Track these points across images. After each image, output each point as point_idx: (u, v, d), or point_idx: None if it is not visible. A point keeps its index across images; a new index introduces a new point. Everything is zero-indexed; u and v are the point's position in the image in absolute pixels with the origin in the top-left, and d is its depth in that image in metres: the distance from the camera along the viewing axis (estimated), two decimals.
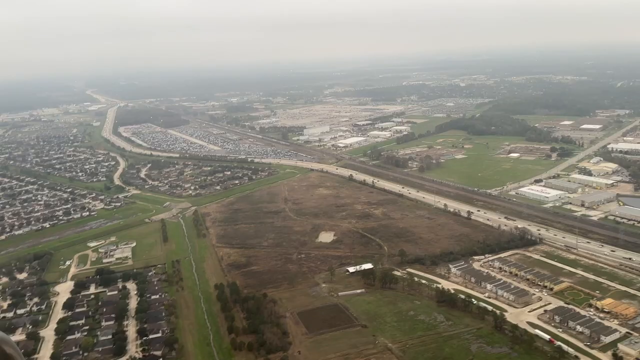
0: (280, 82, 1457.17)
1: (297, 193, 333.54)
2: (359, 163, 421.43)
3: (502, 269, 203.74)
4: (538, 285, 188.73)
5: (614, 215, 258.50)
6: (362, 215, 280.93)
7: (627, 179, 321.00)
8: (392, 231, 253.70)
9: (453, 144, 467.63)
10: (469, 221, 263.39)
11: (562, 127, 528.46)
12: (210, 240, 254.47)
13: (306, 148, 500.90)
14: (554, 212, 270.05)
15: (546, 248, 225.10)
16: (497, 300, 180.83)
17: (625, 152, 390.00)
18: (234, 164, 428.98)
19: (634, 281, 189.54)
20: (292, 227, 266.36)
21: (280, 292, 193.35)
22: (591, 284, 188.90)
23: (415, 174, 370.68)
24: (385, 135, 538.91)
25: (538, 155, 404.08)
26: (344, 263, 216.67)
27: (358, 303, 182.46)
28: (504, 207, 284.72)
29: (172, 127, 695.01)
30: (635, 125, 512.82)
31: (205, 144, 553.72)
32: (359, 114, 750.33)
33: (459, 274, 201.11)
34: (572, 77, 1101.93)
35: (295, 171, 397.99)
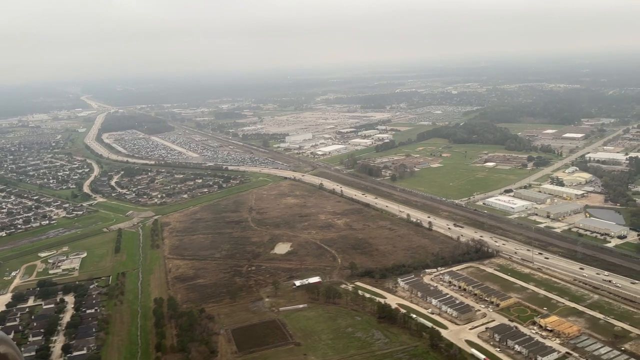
0: (274, 88, 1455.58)
1: (264, 202, 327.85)
2: (333, 171, 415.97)
3: (451, 283, 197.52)
4: (485, 301, 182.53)
5: (578, 227, 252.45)
6: (324, 226, 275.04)
7: (599, 190, 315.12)
8: (351, 242, 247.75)
9: (431, 153, 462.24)
10: (429, 232, 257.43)
11: (545, 135, 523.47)
12: (163, 251, 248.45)
13: (285, 155, 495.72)
14: (517, 224, 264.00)
15: (502, 261, 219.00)
16: (440, 317, 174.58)
17: (602, 162, 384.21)
18: (208, 171, 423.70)
19: (585, 297, 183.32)
20: (250, 237, 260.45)
21: (221, 307, 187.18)
22: (540, 300, 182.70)
23: (387, 183, 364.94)
24: (366, 143, 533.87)
25: (514, 164, 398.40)
26: (293, 276, 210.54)
27: (297, 319, 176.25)
28: (467, 217, 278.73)
29: (156, 134, 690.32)
30: (618, 134, 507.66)
31: (184, 151, 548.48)
32: (345, 121, 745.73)
33: (407, 288, 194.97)
34: (565, 85, 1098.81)
35: (268, 179, 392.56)
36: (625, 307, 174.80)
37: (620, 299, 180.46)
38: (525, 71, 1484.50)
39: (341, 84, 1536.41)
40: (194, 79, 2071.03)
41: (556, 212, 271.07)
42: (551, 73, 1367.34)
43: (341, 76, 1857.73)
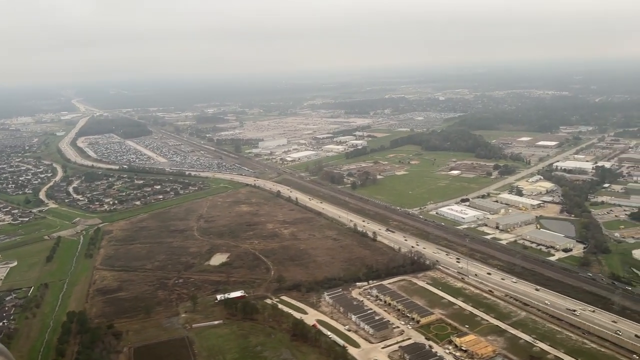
0: (265, 92, 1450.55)
1: (216, 210, 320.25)
2: (297, 178, 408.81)
3: (378, 297, 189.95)
4: (407, 317, 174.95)
5: (525, 239, 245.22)
6: (268, 235, 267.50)
7: (558, 200, 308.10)
8: (290, 253, 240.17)
9: (400, 160, 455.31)
10: (373, 243, 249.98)
11: (519, 143, 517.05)
12: (95, 261, 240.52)
13: (254, 161, 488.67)
14: (464, 235, 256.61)
15: (437, 274, 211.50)
16: (357, 334, 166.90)
17: (569, 171, 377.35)
18: (169, 177, 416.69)
19: (512, 314, 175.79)
20: (188, 247, 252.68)
21: (133, 322, 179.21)
22: (465, 317, 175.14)
23: (347, 191, 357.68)
24: (338, 149, 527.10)
25: (479, 172, 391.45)
26: (218, 290, 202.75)
27: (208, 336, 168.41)
28: (416, 227, 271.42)
29: (132, 138, 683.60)
30: (593, 142, 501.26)
31: (154, 156, 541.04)
32: (325, 126, 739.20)
33: (331, 302, 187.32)
34: (553, 92, 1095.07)
35: (228, 186, 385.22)
36: (551, 325, 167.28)
37: (548, 316, 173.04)
38: (518, 78, 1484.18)
39: (333, 89, 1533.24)
40: (187, 83, 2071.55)
41: (505, 223, 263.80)
42: (543, 80, 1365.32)
43: (336, 81, 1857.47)
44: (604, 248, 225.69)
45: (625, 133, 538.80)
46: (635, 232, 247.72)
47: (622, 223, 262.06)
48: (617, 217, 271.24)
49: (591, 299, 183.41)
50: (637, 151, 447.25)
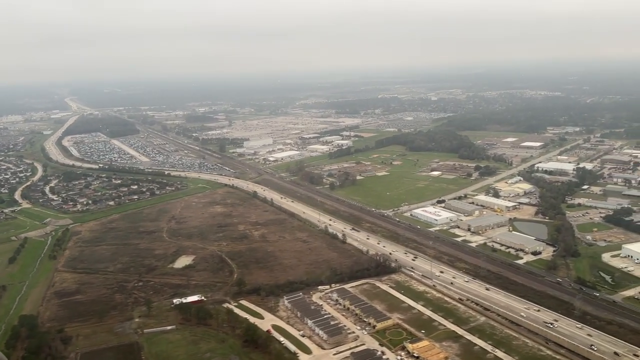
0: (259, 92, 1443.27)
1: (189, 211, 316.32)
2: (277, 179, 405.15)
3: (338, 301, 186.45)
4: (364, 322, 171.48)
5: (495, 241, 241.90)
6: (238, 237, 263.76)
7: (535, 202, 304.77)
8: (257, 256, 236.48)
9: (383, 160, 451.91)
10: (342, 245, 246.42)
11: (504, 144, 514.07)
12: (58, 262, 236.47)
13: (236, 161, 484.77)
14: (435, 237, 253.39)
15: (401, 277, 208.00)
16: (310, 339, 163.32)
17: (550, 172, 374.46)
18: (149, 177, 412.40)
19: (470, 319, 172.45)
20: (154, 249, 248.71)
21: (85, 327, 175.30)
22: (423, 322, 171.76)
23: (324, 192, 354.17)
24: (323, 149, 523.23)
25: (459, 173, 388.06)
26: (177, 294, 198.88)
27: (159, 342, 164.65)
28: (388, 229, 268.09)
29: (119, 137, 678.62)
30: (578, 143, 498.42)
31: (137, 155, 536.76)
32: (314, 126, 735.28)
33: (289, 307, 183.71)
34: (545, 93, 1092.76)
35: (207, 186, 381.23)
36: (508, 331, 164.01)
37: (507, 322, 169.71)
38: (514, 78, 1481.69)
39: (327, 89, 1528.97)
40: (182, 82, 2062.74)
41: (477, 225, 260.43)
42: (538, 80, 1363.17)
43: (331, 80, 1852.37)
44: (573, 251, 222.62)
45: (611, 134, 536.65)
46: (608, 235, 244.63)
47: (595, 225, 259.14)
48: (592, 220, 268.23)
49: (553, 303, 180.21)
50: (621, 152, 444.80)
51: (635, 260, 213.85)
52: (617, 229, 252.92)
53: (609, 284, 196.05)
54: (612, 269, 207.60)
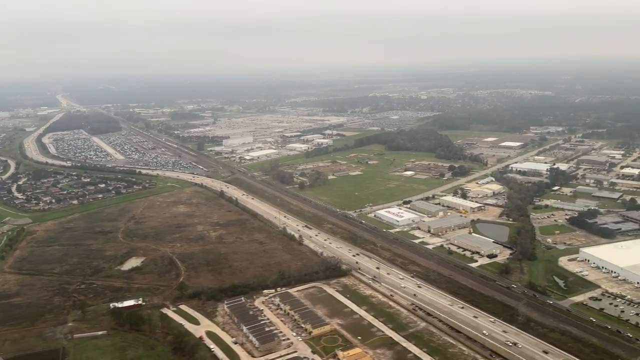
0: (252, 89, 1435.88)
1: (151, 211, 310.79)
2: (248, 178, 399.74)
3: (279, 306, 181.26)
4: (301, 328, 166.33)
5: (452, 243, 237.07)
6: (194, 238, 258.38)
7: (502, 203, 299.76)
8: (209, 258, 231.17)
9: (359, 160, 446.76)
10: (298, 247, 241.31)
11: (484, 143, 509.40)
12: (6, 263, 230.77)
13: (212, 160, 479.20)
14: (393, 238, 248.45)
15: (350, 281, 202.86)
16: (242, 347, 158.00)
17: (523, 173, 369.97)
18: (119, 175, 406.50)
19: (411, 325, 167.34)
20: (105, 250, 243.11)
21: (15, 331, 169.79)
22: (362, 327, 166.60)
23: (293, 192, 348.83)
24: (301, 148, 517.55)
25: (432, 174, 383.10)
26: (118, 297, 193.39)
27: (86, 348, 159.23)
28: (348, 230, 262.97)
29: (100, 134, 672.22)
30: (558, 143, 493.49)
31: (114, 153, 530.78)
32: (299, 124, 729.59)
33: (228, 312, 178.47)
34: (536, 92, 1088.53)
35: (176, 185, 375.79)
36: (446, 338, 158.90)
37: (448, 328, 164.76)
38: (508, 77, 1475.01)
39: (320, 87, 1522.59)
40: (176, 79, 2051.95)
41: (437, 226, 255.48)
42: (531, 79, 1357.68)
43: (325, 79, 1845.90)
44: (529, 254, 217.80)
45: (593, 134, 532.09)
46: (569, 238, 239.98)
47: (558, 228, 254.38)
48: (556, 222, 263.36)
49: (499, 309, 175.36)
50: (599, 153, 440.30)
51: (591, 264, 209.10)
52: (580, 231, 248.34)
53: (562, 289, 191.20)
54: (567, 274, 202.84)
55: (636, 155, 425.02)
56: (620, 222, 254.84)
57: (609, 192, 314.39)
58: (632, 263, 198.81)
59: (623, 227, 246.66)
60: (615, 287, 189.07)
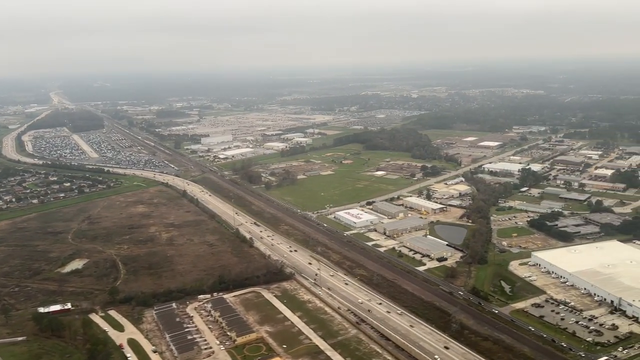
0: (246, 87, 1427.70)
1: (109, 211, 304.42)
2: (217, 177, 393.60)
3: (210, 313, 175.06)
4: (226, 336, 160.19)
5: (405, 246, 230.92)
6: (144, 240, 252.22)
7: (466, 204, 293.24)
8: (153, 260, 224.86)
9: (333, 159, 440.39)
10: (249, 249, 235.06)
11: (463, 143, 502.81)
12: None
13: (185, 158, 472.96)
14: (347, 241, 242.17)
15: (291, 285, 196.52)
16: (161, 356, 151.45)
17: (495, 173, 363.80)
18: (87, 174, 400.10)
19: (341, 332, 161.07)
20: (50, 252, 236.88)
21: None
22: (290, 335, 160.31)
23: (259, 192, 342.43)
24: (278, 147, 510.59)
25: (403, 174, 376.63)
26: (50, 300, 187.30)
27: (0, 355, 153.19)
28: (304, 232, 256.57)
29: (81, 132, 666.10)
30: (537, 143, 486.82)
31: (89, 151, 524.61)
32: (283, 123, 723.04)
33: (155, 318, 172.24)
34: (527, 91, 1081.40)
35: (142, 184, 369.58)
36: (374, 347, 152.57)
37: (378, 335, 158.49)
38: (504, 76, 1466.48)
39: (315, 85, 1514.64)
40: (177, 77, 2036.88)
41: (393, 228, 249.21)
42: (526, 78, 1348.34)
43: (322, 77, 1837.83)
44: (480, 258, 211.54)
45: (575, 134, 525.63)
46: (526, 241, 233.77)
47: (518, 230, 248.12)
48: (516, 224, 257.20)
49: (436, 315, 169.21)
50: (577, 153, 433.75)
51: (542, 268, 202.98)
52: (539, 234, 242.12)
53: (506, 294, 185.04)
54: (515, 278, 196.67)
55: (614, 155, 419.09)
56: (582, 225, 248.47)
57: (578, 193, 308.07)
58: (581, 268, 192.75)
59: (582, 230, 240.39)
60: (562, 294, 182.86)
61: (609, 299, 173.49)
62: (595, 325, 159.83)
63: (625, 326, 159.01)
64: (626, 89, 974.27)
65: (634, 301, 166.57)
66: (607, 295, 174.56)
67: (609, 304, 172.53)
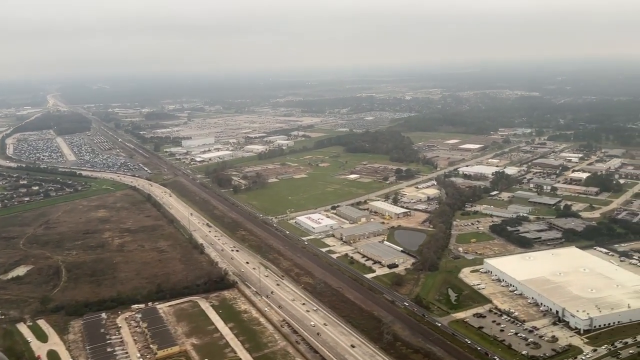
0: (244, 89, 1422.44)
1: (69, 215, 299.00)
2: (189, 181, 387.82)
3: (139, 324, 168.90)
4: (149, 349, 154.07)
5: (359, 252, 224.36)
6: (95, 246, 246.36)
7: (432, 208, 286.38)
8: (98, 267, 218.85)
9: (310, 162, 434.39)
10: (199, 256, 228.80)
11: (444, 145, 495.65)
12: None
13: (162, 161, 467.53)
14: (301, 247, 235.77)
15: (232, 294, 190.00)
16: None
17: (469, 177, 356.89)
18: (58, 177, 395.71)
19: (269, 345, 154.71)
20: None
21: None
22: (216, 348, 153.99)
23: (226, 195, 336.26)
24: (258, 149, 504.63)
25: (377, 177, 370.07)
26: None
27: None
28: (260, 238, 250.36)
29: (66, 134, 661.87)
30: (519, 146, 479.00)
31: (68, 154, 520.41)
32: (271, 125, 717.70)
33: (81, 329, 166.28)
34: (522, 93, 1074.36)
35: (110, 188, 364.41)
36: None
37: (307, 348, 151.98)
38: (501, 77, 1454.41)
39: (314, 87, 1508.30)
40: (177, 79, 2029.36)
41: (350, 234, 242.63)
42: (524, 80, 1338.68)
43: (322, 79, 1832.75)
44: (431, 265, 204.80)
45: (560, 136, 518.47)
46: (483, 247, 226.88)
47: (478, 236, 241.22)
48: (478, 229, 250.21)
49: (372, 325, 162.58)
50: (557, 156, 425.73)
51: (492, 276, 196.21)
52: (499, 239, 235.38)
53: (451, 303, 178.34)
54: (463, 286, 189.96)
55: (594, 158, 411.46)
56: (544, 231, 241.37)
57: (549, 197, 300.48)
58: (532, 276, 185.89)
59: (544, 236, 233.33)
60: (508, 303, 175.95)
61: (554, 309, 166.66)
62: (534, 337, 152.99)
63: (565, 338, 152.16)
64: (623, 90, 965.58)
65: (577, 312, 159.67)
66: (552, 305, 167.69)
67: (554, 314, 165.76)
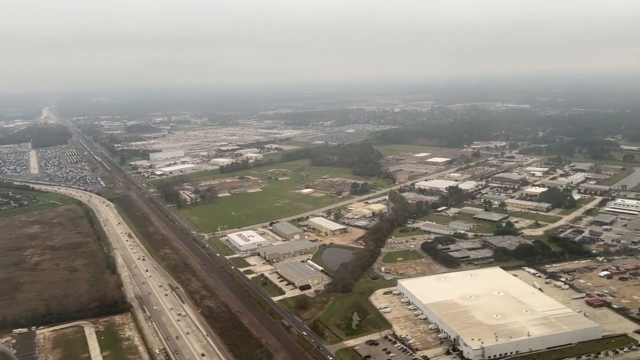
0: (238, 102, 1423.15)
1: (1, 231, 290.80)
2: (139, 195, 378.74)
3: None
4: None
5: (276, 272, 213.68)
6: (10, 264, 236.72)
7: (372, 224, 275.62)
8: (1, 287, 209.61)
9: (270, 176, 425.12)
10: (110, 277, 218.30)
11: (412, 159, 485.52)
12: None
13: (121, 175, 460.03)
14: (219, 267, 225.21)
15: (124, 319, 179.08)
16: None
17: (424, 191, 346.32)
18: (10, 191, 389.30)
19: None
20: None
21: None
22: None
23: (169, 211, 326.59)
24: (223, 162, 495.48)
25: (331, 191, 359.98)
26: None
27: None
28: (181, 256, 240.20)
29: (42, 147, 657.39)
30: (487, 159, 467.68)
31: (34, 167, 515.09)
32: (249, 137, 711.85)
33: None
34: (512, 105, 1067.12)
35: (57, 202, 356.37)
36: None
37: None
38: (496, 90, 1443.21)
39: (307, 99, 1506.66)
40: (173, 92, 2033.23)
41: (273, 252, 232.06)
42: (517, 92, 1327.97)
43: (318, 91, 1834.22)
44: (344, 286, 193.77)
45: (532, 149, 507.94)
46: (407, 266, 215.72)
47: (408, 254, 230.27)
48: (409, 247, 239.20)
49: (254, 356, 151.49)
50: (523, 170, 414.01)
51: (402, 298, 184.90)
52: (427, 258, 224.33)
53: (350, 329, 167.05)
54: (370, 310, 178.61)
55: (559, 172, 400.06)
56: (475, 249, 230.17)
57: (498, 213, 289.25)
58: (439, 299, 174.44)
59: (472, 255, 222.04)
60: (408, 328, 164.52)
61: (452, 337, 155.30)
62: None
63: None
64: (615, 102, 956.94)
65: (472, 340, 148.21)
66: (450, 331, 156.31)
67: (452, 342, 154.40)
